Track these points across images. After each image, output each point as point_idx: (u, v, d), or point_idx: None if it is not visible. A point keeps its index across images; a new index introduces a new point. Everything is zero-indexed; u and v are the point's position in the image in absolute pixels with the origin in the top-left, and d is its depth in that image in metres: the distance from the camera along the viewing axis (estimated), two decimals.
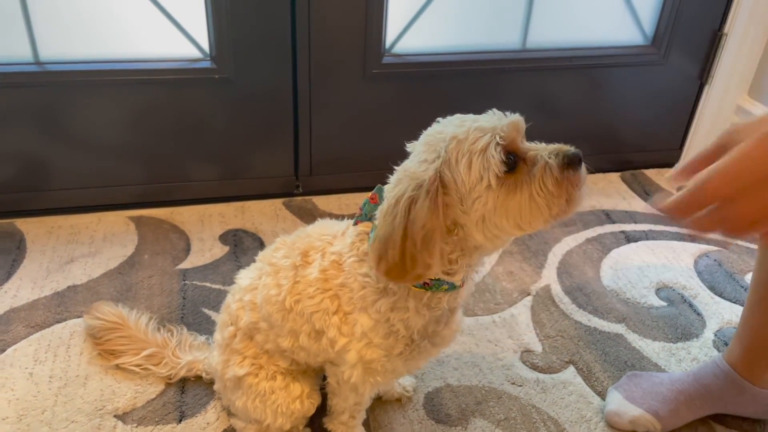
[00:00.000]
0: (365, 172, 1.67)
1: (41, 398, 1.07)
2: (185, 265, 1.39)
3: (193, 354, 1.13)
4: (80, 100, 1.42)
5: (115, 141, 1.49)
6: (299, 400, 0.94)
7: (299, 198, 1.65)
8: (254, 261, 0.98)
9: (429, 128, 0.78)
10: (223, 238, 1.48)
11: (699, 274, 1.44)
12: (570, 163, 0.73)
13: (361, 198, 1.69)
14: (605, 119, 1.75)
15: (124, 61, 1.41)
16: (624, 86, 1.72)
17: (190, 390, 1.10)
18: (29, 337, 1.18)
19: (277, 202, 1.63)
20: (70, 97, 1.41)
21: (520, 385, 1.15)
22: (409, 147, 0.79)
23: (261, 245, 1.46)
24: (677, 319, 1.31)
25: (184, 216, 1.55)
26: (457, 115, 0.77)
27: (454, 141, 0.72)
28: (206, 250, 1.44)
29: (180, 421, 1.05)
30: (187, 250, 1.44)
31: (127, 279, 1.34)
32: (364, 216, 0.82)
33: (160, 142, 1.52)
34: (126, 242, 1.44)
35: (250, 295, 0.93)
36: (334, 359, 0.88)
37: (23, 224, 1.48)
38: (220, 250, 1.44)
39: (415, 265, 0.71)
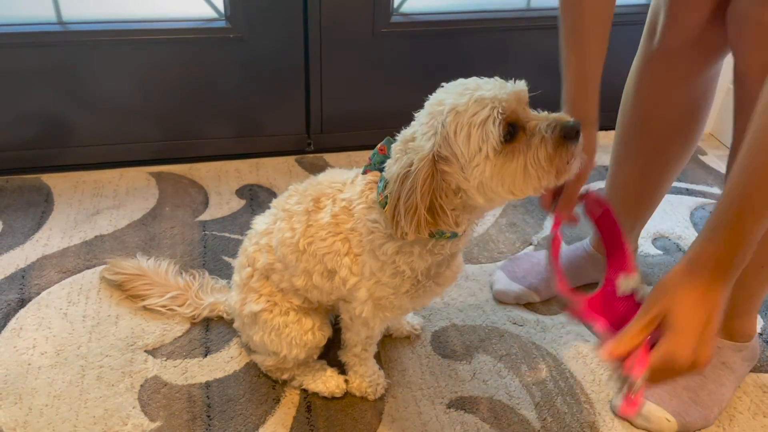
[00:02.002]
0: (375, 129, 1.73)
1: (76, 335, 1.16)
2: (204, 217, 1.47)
3: (215, 296, 1.20)
4: (101, 59, 1.48)
5: (135, 99, 1.55)
6: (311, 332, 1.01)
7: (311, 155, 1.71)
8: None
9: (432, 95, 0.81)
10: (240, 192, 1.56)
11: (695, 225, 1.51)
12: (566, 136, 0.76)
13: None
14: (608, 78, 1.78)
15: (143, 21, 1.47)
16: (626, 45, 1.75)
17: (214, 328, 1.19)
18: (62, 281, 1.27)
19: (290, 159, 1.69)
20: (92, 56, 1.47)
21: (521, 325, 1.23)
22: (416, 115, 0.83)
23: None
24: (672, 266, 1.38)
25: (201, 172, 1.62)
26: (460, 81, 0.80)
27: (452, 113, 0.76)
28: (224, 204, 1.51)
29: (206, 355, 1.13)
30: (206, 203, 1.51)
31: (151, 230, 1.41)
32: (373, 166, 0.88)
33: (177, 100, 1.58)
34: (147, 196, 1.52)
35: (266, 238, 1.00)
36: (346, 296, 0.95)
37: (49, 179, 1.55)
38: (237, 204, 1.51)
39: (420, 230, 0.79)
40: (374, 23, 1.56)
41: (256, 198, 1.54)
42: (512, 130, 0.76)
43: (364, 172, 0.89)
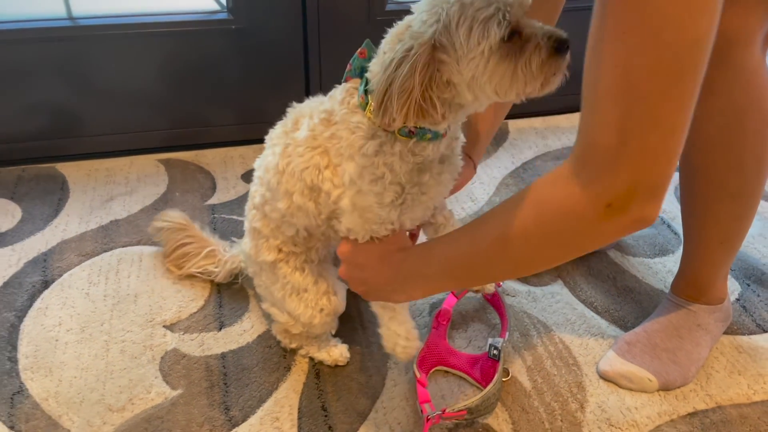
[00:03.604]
0: None
1: (99, 313, 1.24)
2: (213, 201, 1.54)
3: (235, 249, 1.29)
4: (110, 52, 1.55)
5: (143, 89, 1.62)
6: (326, 296, 1.06)
7: None
8: None
9: None
10: (245, 176, 1.63)
11: (678, 198, 1.58)
12: (558, 49, 0.76)
13: None
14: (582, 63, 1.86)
15: (149, 15, 1.54)
16: None
17: (226, 304, 1.27)
18: (81, 264, 1.35)
19: None
20: (102, 50, 1.54)
21: (513, 296, 1.31)
22: (414, 6, 0.81)
23: None
24: (656, 238, 1.47)
25: (208, 158, 1.69)
26: None
27: (458, 3, 0.75)
28: (230, 188, 1.59)
29: (220, 329, 1.22)
30: (213, 188, 1.59)
31: None
32: (353, 71, 0.88)
33: (183, 90, 1.65)
34: (158, 182, 1.59)
35: (258, 171, 1.04)
36: (334, 212, 0.95)
37: (63, 168, 1.63)
38: (243, 188, 1.59)
39: (409, 117, 0.78)
40: (370, 11, 1.63)
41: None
42: (510, 33, 0.77)
43: (345, 80, 0.89)
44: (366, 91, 0.84)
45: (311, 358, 1.16)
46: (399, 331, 1.02)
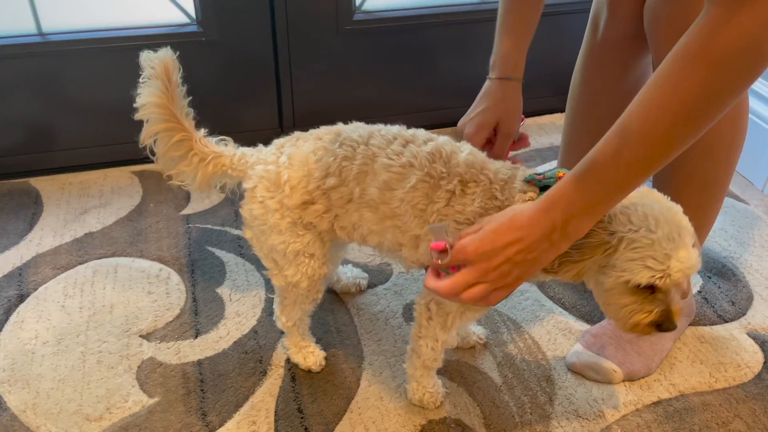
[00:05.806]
0: (344, 120, 1.81)
1: (74, 325, 1.25)
2: (187, 211, 1.56)
3: (220, 148, 1.12)
4: (81, 66, 1.56)
5: (115, 102, 1.63)
6: (325, 265, 1.06)
7: None
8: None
9: (657, 200, 0.86)
10: (220, 186, 1.65)
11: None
12: (660, 328, 0.87)
13: None
14: (565, 63, 1.91)
15: (119, 29, 1.56)
16: (581, 31, 1.87)
17: (202, 312, 1.29)
18: (57, 277, 1.36)
19: None
20: (72, 64, 1.55)
21: None
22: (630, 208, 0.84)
23: None
24: None
25: None
26: (677, 212, 0.86)
27: (650, 236, 0.82)
28: (205, 198, 1.61)
29: (196, 337, 1.24)
30: (188, 198, 1.60)
31: (137, 225, 1.51)
32: (539, 182, 0.89)
33: None
34: (132, 193, 1.61)
35: (387, 175, 0.95)
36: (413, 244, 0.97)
37: (37, 182, 1.63)
38: (217, 197, 1.61)
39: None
40: (338, 22, 1.66)
41: (236, 191, 1.63)
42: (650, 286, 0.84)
43: (528, 182, 0.91)
44: None
45: (287, 361, 1.19)
46: (428, 384, 1.09)
